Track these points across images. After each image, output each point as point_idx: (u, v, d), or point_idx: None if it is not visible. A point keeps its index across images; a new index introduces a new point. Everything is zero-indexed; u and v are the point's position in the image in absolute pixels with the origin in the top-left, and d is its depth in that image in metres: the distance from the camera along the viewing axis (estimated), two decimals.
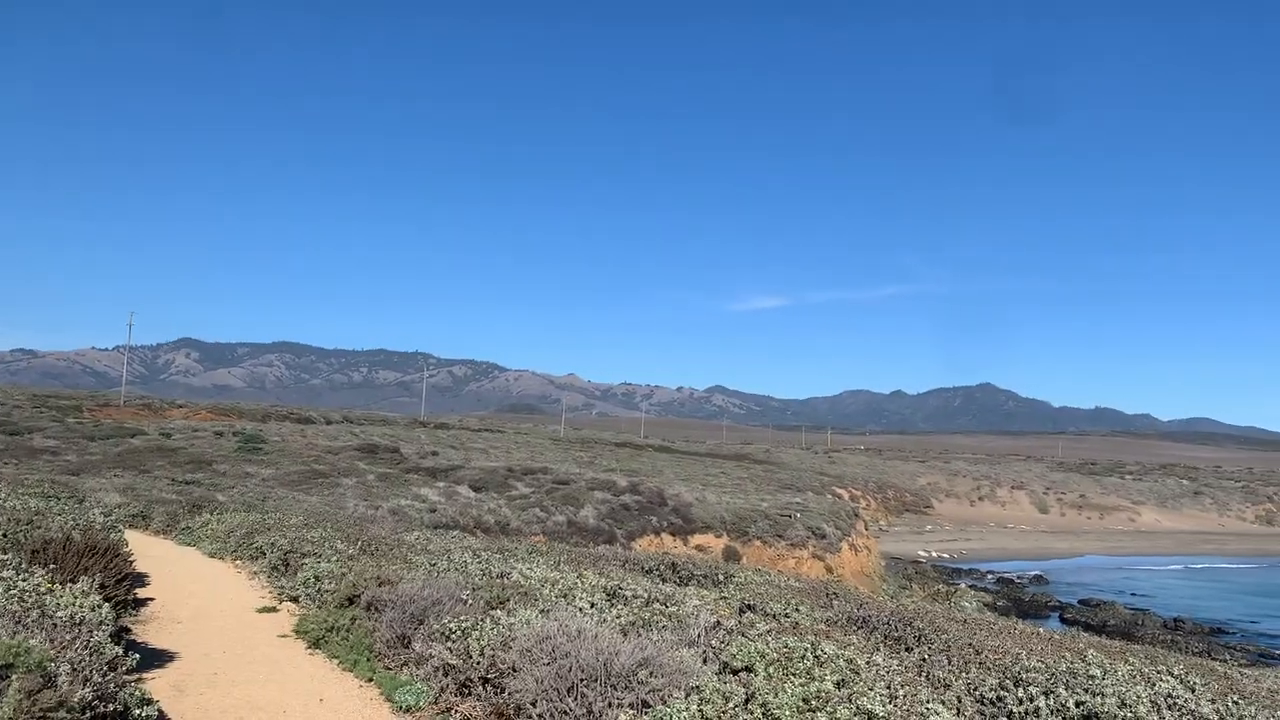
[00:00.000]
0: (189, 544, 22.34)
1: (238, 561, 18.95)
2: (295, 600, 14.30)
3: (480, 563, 14.49)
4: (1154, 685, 8.38)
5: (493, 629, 8.93)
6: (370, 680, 9.86)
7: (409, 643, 10.07)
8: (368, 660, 10.41)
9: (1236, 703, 8.37)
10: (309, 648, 11.54)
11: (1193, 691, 8.47)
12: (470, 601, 10.57)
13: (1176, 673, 9.58)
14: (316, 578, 14.05)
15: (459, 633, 9.14)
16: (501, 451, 78.18)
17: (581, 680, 7.13)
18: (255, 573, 17.34)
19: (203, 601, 14.42)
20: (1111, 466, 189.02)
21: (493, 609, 10.07)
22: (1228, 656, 41.22)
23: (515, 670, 7.78)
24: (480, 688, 8.38)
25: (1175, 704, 7.83)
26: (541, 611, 9.54)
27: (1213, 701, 8.26)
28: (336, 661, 10.76)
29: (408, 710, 8.73)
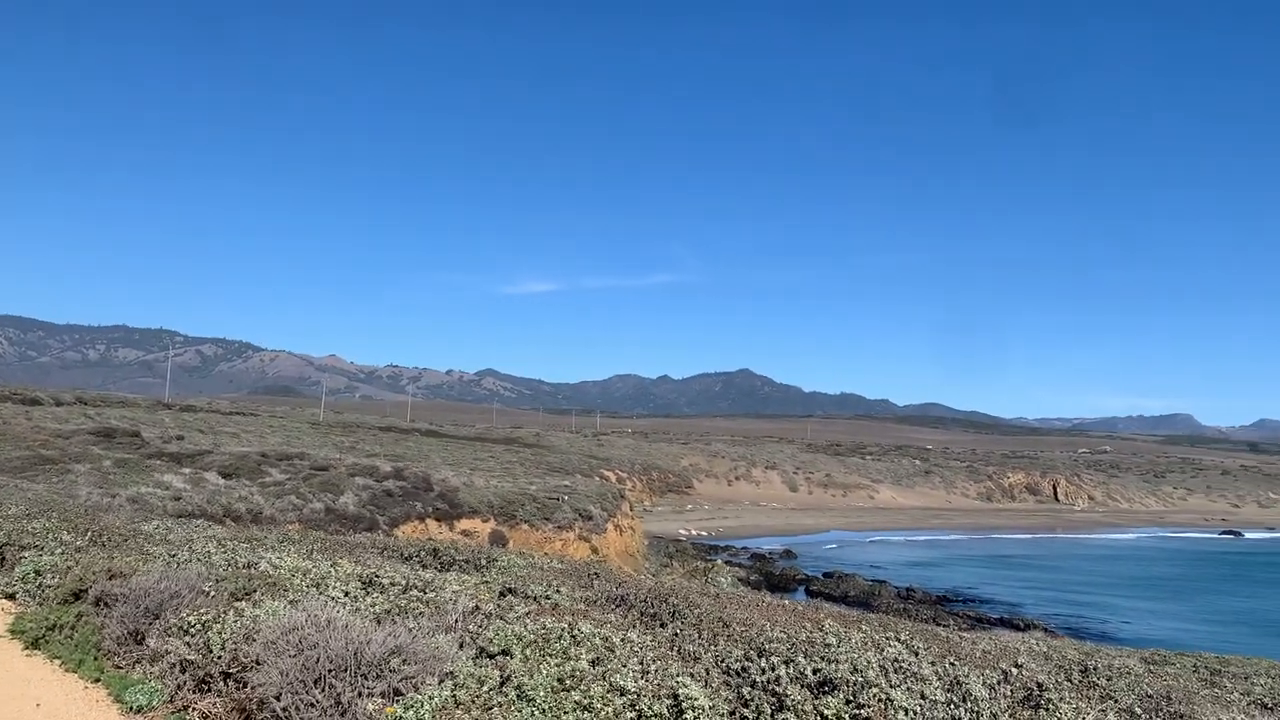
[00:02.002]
0: None
1: None
2: (11, 597, 13.00)
3: (226, 552, 13.70)
4: (883, 651, 9.03)
5: (236, 621, 8.48)
6: (97, 681, 9.12)
7: (143, 639, 9.40)
8: (95, 659, 9.62)
9: (953, 664, 9.17)
10: (26, 648, 10.52)
11: (916, 655, 9.19)
12: (213, 593, 9.98)
13: (903, 639, 10.37)
14: (37, 572, 12.83)
15: (199, 626, 8.62)
16: (255, 436, 74.26)
17: (330, 671, 6.89)
18: None
19: None
20: (854, 448, 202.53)
21: (238, 600, 9.56)
22: (951, 622, 45.25)
23: (259, 663, 7.42)
24: (221, 683, 7.94)
25: (901, 667, 8.48)
26: (291, 602, 9.15)
27: (933, 664, 9.00)
28: (59, 662, 9.87)
29: (139, 710, 8.15)
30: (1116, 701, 10.89)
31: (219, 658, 8.05)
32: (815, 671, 7.83)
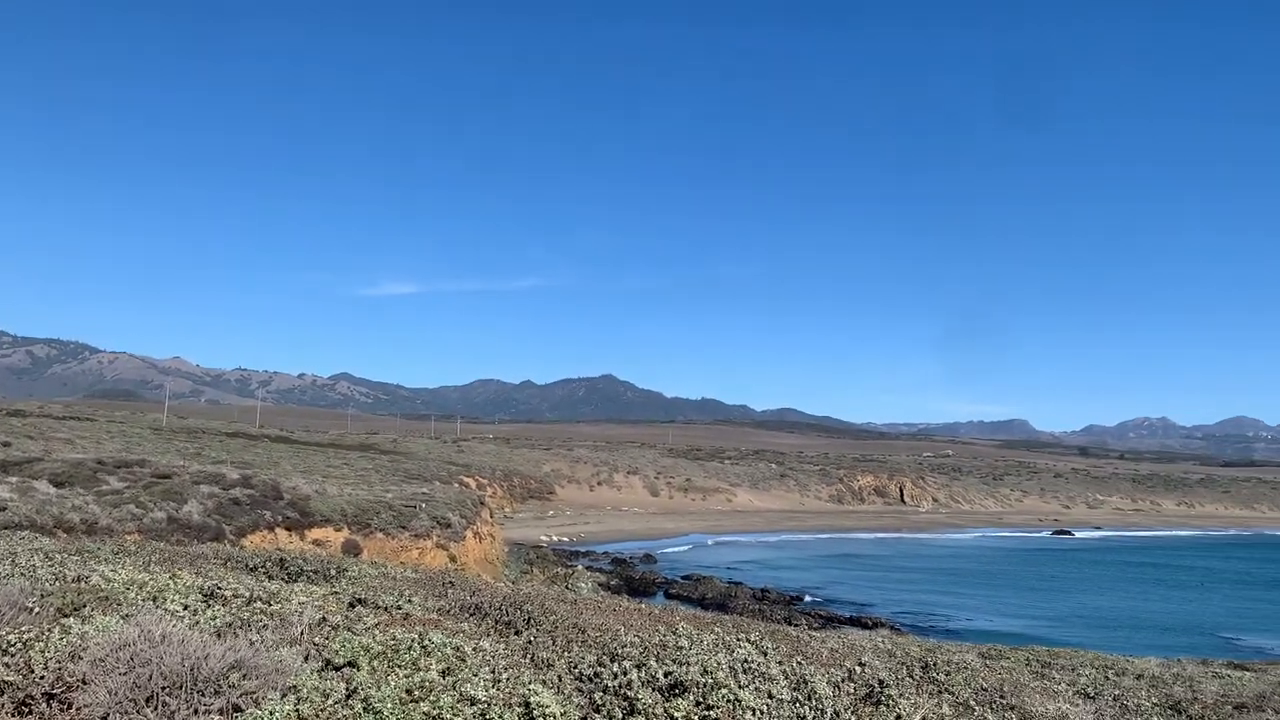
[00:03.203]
0: None
1: None
2: None
3: (54, 566, 12.91)
4: (733, 652, 9.24)
5: (62, 639, 7.99)
6: None
7: None
8: None
9: (800, 663, 9.46)
10: None
11: (765, 656, 9.43)
12: (37, 610, 9.38)
13: (753, 639, 10.62)
14: None
15: (19, 645, 8.08)
16: (91, 442, 70.33)
17: (164, 688, 6.58)
18: None
19: None
20: (714, 452, 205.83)
21: (65, 616, 9.02)
22: (803, 622, 46.53)
23: (86, 682, 7.03)
24: (44, 704, 7.47)
25: (750, 668, 8.69)
26: (124, 617, 8.69)
27: (781, 663, 9.26)
28: None
29: None
30: (954, 695, 11.43)
31: (41, 678, 7.57)
32: (667, 674, 7.94)
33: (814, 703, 8.05)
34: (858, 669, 9.92)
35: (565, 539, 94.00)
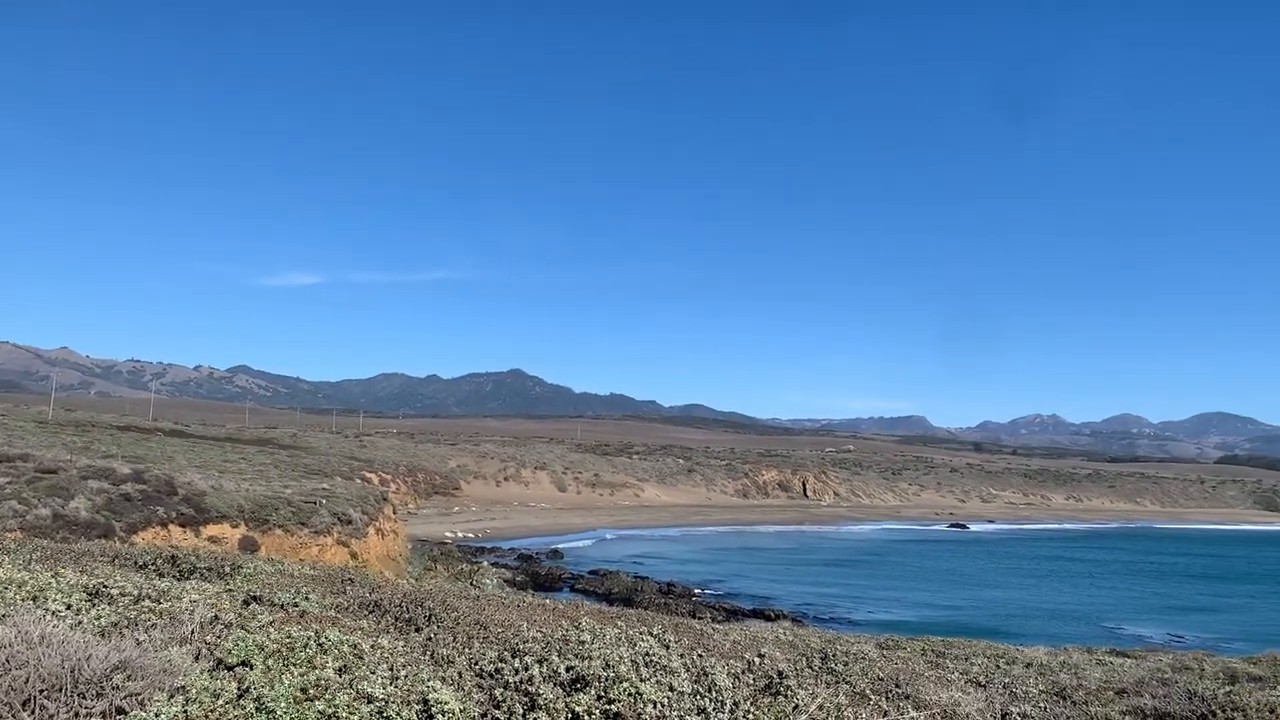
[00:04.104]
0: None
1: None
2: None
3: None
4: (635, 645, 9.26)
5: None
6: None
7: None
8: None
9: (701, 656, 9.54)
10: None
11: (667, 649, 9.48)
12: None
13: (656, 633, 10.66)
14: None
15: None
16: None
17: (42, 691, 6.30)
18: None
19: None
20: (622, 448, 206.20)
21: None
22: (708, 615, 47.05)
23: None
24: None
25: (651, 661, 8.72)
26: (0, 618, 8.31)
27: (682, 656, 9.32)
28: None
29: None
30: (851, 685, 11.69)
31: None
32: (569, 669, 7.93)
33: (714, 694, 8.13)
34: (758, 660, 10.05)
35: (471, 535, 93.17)
